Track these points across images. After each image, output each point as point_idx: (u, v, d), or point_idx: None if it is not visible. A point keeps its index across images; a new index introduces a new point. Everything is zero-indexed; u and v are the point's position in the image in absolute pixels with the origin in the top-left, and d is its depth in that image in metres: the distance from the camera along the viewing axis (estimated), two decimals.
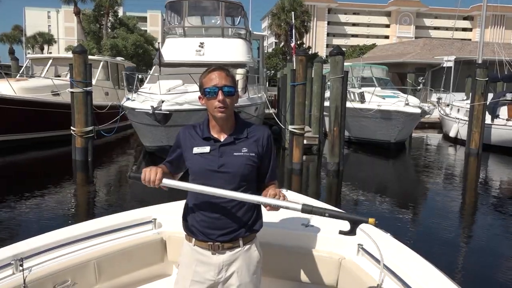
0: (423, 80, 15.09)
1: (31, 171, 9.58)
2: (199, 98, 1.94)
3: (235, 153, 1.87)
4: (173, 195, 2.09)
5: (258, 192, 1.95)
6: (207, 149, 1.88)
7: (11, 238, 5.08)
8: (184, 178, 2.00)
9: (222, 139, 1.90)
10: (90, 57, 12.40)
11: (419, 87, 15.11)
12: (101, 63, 15.10)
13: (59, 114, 11.55)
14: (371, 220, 1.69)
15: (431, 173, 10.62)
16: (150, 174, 1.78)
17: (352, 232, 1.75)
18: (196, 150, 1.89)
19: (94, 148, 10.17)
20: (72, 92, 9.71)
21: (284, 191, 2.89)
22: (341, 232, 1.77)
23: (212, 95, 1.84)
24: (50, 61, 14.37)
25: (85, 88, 9.64)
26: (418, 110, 12.19)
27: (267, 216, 2.07)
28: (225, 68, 1.92)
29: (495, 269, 4.76)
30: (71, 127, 9.74)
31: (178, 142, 1.99)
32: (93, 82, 11.83)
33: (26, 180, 8.59)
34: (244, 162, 1.87)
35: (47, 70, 14.00)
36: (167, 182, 1.81)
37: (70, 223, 2.61)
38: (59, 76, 13.44)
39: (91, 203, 7.31)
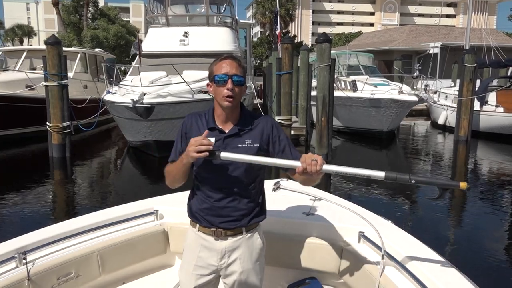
0: (420, 67, 14.85)
1: (5, 170, 9.14)
2: (208, 85, 1.93)
3: (239, 145, 1.86)
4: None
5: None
6: (212, 140, 1.82)
7: None
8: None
9: (227, 130, 1.89)
10: (66, 48, 11.89)
11: (415, 74, 14.89)
12: (79, 55, 14.47)
13: (34, 109, 11.02)
14: (462, 184, 1.55)
15: (422, 161, 10.51)
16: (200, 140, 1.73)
17: (441, 197, 1.65)
18: None
19: (73, 144, 9.76)
20: (46, 86, 9.22)
21: (284, 180, 3.01)
22: (428, 198, 1.66)
23: (221, 83, 1.83)
24: (25, 53, 13.70)
25: (60, 82, 9.16)
26: (415, 98, 11.99)
27: (269, 206, 2.10)
28: (237, 58, 1.89)
29: (486, 250, 4.99)
30: (47, 123, 9.29)
31: (183, 131, 1.95)
32: (71, 75, 11.33)
33: (0, 179, 8.17)
34: (248, 154, 1.82)
35: (22, 63, 13.37)
36: (225, 155, 1.75)
37: (51, 223, 2.52)
38: (34, 69, 12.84)
39: (69, 202, 6.95)
